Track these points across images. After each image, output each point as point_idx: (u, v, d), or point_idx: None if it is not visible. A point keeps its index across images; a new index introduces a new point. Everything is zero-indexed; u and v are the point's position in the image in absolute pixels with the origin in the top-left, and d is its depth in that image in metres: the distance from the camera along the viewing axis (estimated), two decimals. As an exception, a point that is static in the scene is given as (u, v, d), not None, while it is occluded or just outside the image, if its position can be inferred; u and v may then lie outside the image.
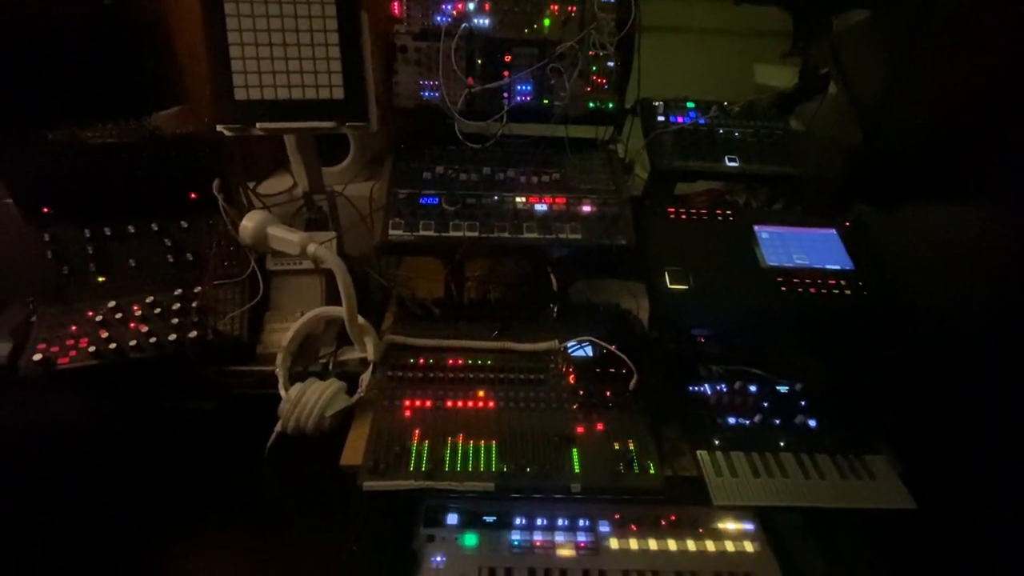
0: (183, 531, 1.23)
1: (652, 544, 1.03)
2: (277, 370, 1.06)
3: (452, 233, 1.13)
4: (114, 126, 1.13)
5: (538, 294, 1.21)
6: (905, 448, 1.02)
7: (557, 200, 1.20)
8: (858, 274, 1.08)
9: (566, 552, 1.00)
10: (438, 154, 1.27)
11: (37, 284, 1.07)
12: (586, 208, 1.19)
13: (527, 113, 1.25)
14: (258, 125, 1.10)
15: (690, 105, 1.36)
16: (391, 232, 1.12)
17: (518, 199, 1.20)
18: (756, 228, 1.14)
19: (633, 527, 1.05)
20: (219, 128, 1.10)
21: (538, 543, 1.01)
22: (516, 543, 1.01)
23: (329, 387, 1.02)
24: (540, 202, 1.20)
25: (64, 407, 1.02)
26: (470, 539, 1.01)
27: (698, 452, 0.99)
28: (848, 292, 1.05)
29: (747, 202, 1.26)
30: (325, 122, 1.13)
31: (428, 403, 1.02)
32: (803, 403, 1.07)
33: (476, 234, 1.13)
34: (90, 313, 1.06)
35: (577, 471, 0.93)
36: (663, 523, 1.06)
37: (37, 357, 0.98)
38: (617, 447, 0.97)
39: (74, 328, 1.04)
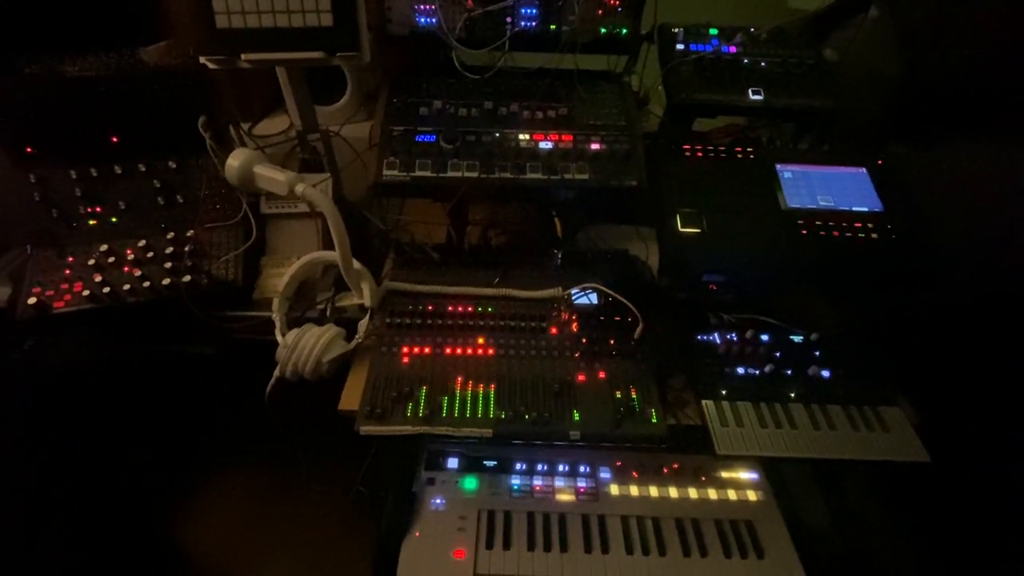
0: (188, 472, 1.26)
1: (653, 491, 1.02)
2: (274, 315, 1.04)
3: (450, 173, 1.06)
4: (93, 58, 1.07)
5: (542, 239, 1.16)
6: (922, 400, 0.97)
7: (563, 137, 1.12)
8: (887, 216, 1.00)
9: (566, 497, 1.00)
10: (435, 87, 1.18)
11: (27, 228, 1.05)
12: (595, 146, 1.11)
13: (532, 40, 1.14)
14: (243, 56, 1.03)
15: (713, 32, 1.23)
16: (385, 172, 1.06)
17: (521, 136, 1.12)
18: (778, 167, 1.05)
19: (634, 474, 1.05)
20: (202, 60, 1.02)
21: (538, 488, 1.02)
22: (516, 487, 1.01)
23: (326, 333, 1.00)
24: (545, 139, 1.12)
25: (63, 350, 1.02)
26: (470, 483, 1.02)
27: (703, 401, 0.96)
28: (875, 236, 0.97)
29: (770, 139, 1.15)
30: (313, 52, 1.04)
31: (427, 350, 1.00)
32: (817, 353, 1.02)
33: (476, 174, 1.06)
34: (83, 257, 1.04)
35: (577, 419, 0.90)
36: (665, 470, 1.06)
37: (32, 301, 0.97)
38: (619, 395, 0.94)
39: (68, 272, 1.02)
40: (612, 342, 1.02)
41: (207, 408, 1.21)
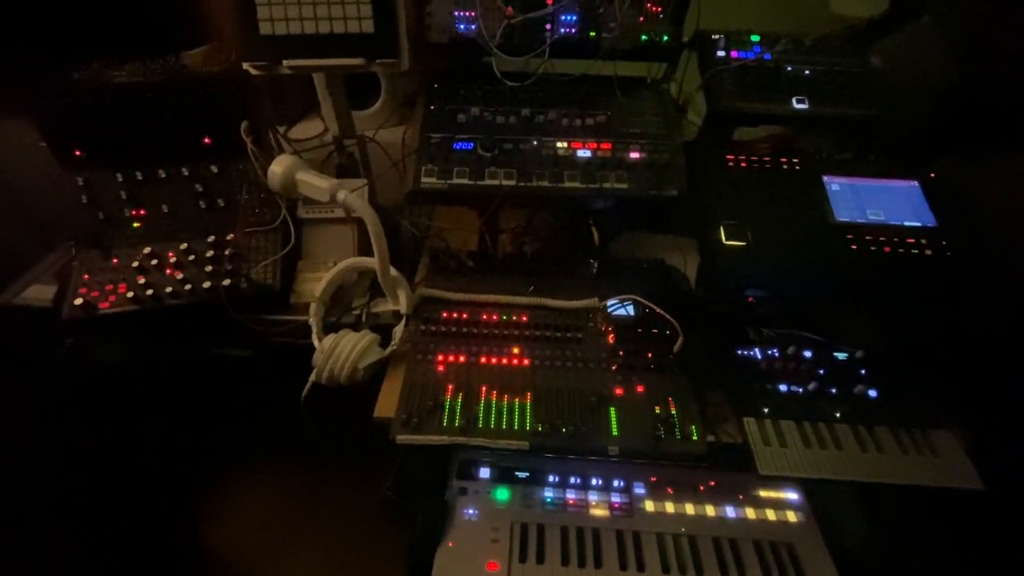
0: (221, 471, 1.28)
1: (689, 508, 1.00)
2: (311, 320, 1.05)
3: (488, 181, 1.06)
4: (139, 64, 1.09)
5: (577, 248, 1.14)
6: (975, 424, 0.93)
7: (602, 145, 1.11)
8: (941, 232, 0.96)
9: (599, 512, 0.99)
10: (474, 94, 1.18)
11: (75, 229, 1.07)
12: (634, 155, 1.10)
13: (572, 47, 1.13)
14: (284, 62, 1.04)
15: (755, 38, 1.20)
16: (423, 180, 1.06)
17: (559, 144, 1.11)
18: (825, 179, 1.02)
19: (669, 490, 1.02)
20: (244, 66, 1.04)
21: (571, 501, 1.00)
22: (549, 500, 1.00)
23: (362, 339, 1.00)
24: (583, 147, 1.10)
25: (104, 349, 1.04)
26: (502, 494, 1.01)
27: (745, 419, 0.93)
28: (929, 252, 0.93)
29: (816, 150, 1.12)
30: (353, 59, 1.05)
31: (461, 358, 0.99)
32: (863, 371, 0.99)
33: (513, 183, 1.05)
34: (127, 259, 1.06)
35: (615, 434, 0.89)
36: (701, 488, 1.03)
37: (78, 302, 0.99)
38: (658, 410, 0.92)
39: (113, 274, 1.04)
40: (650, 355, 1.00)
41: (242, 409, 1.22)
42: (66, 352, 1.07)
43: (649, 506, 1.00)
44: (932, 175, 1.02)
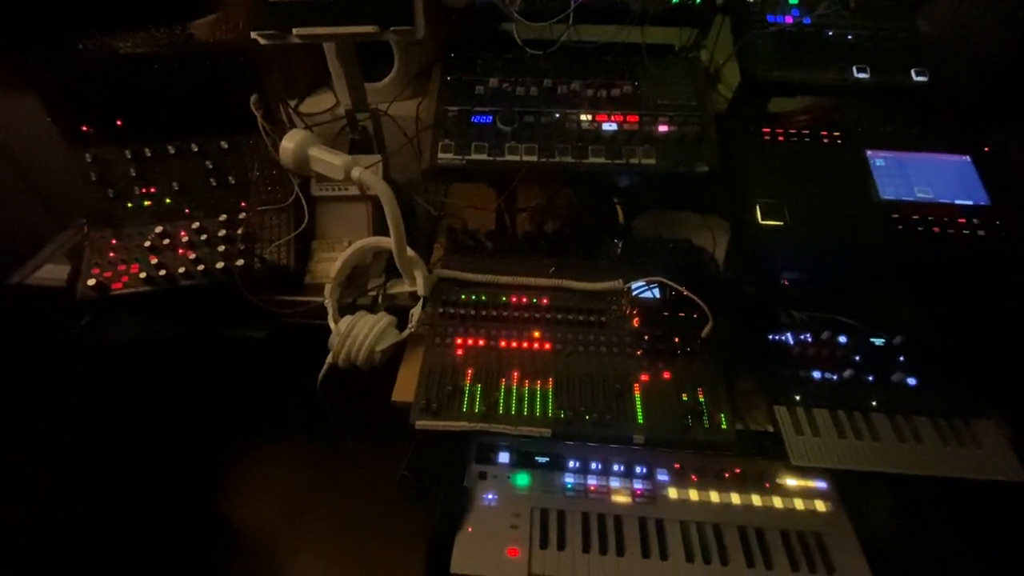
0: (238, 451, 1.28)
1: (714, 496, 0.97)
2: (326, 302, 1.02)
3: (508, 157, 1.01)
4: (145, 35, 1.05)
5: (601, 226, 1.09)
6: (1020, 414, 0.89)
7: (628, 118, 1.05)
8: (995, 211, 0.90)
9: (621, 498, 0.97)
10: (493, 64, 1.11)
11: (85, 206, 1.05)
12: (662, 128, 1.03)
13: (597, 12, 1.06)
14: (294, 31, 0.99)
15: (792, 1, 1.12)
16: (440, 156, 1.01)
17: (583, 117, 1.05)
18: (869, 153, 0.96)
19: (694, 477, 1.00)
20: (253, 35, 0.99)
21: (592, 487, 0.98)
22: (569, 486, 0.98)
23: (379, 321, 0.98)
24: (609, 120, 1.04)
25: (119, 329, 1.03)
26: (522, 479, 0.99)
27: (775, 407, 0.90)
28: (981, 232, 0.87)
29: (858, 121, 1.05)
30: (366, 26, 0.99)
31: (481, 342, 0.96)
32: (901, 358, 0.94)
33: (534, 158, 1.00)
34: (139, 238, 1.03)
35: (641, 422, 0.86)
36: (726, 475, 1.00)
37: (91, 282, 0.98)
38: (685, 398, 0.89)
39: (125, 253, 1.02)
40: (677, 340, 0.96)
41: (259, 390, 1.21)
42: (81, 332, 1.06)
43: (672, 493, 0.97)
44: (986, 149, 0.95)
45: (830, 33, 1.08)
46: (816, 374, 0.93)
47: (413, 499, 1.14)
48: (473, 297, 1.03)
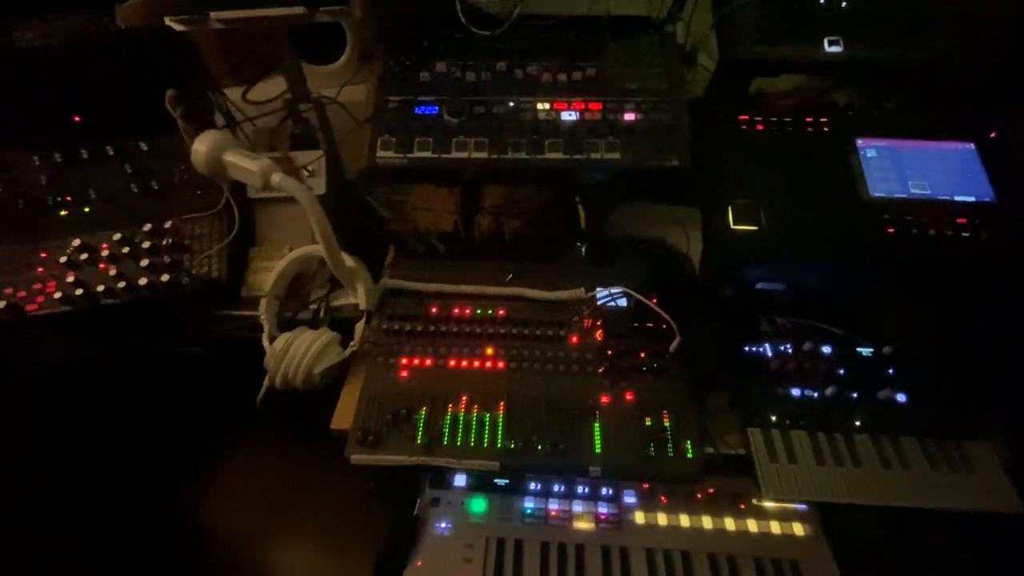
0: (190, 469, 1.22)
1: (684, 520, 0.91)
2: (261, 318, 0.94)
3: (455, 154, 0.90)
4: (50, 23, 0.93)
5: (565, 227, 0.99)
6: (1018, 435, 0.81)
7: (591, 106, 0.93)
8: (1002, 208, 0.79)
9: (584, 525, 0.90)
10: (439, 46, 0.99)
11: (-6, 219, 0.95)
12: (629, 116, 0.92)
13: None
14: (212, 15, 0.87)
15: (782, -37, 0.98)
16: (380, 154, 0.90)
17: (540, 106, 0.93)
18: (859, 143, 0.84)
19: (663, 499, 0.93)
20: (168, 21, 0.88)
21: (553, 513, 0.91)
22: (529, 512, 0.91)
23: (319, 339, 0.89)
24: (569, 109, 0.93)
25: (43, 350, 0.95)
26: (478, 504, 0.93)
27: (749, 429, 0.82)
28: (986, 235, 0.76)
29: (848, 104, 0.93)
30: (293, 8, 0.88)
31: (428, 361, 0.88)
32: (891, 371, 0.85)
33: (485, 155, 0.89)
34: (56, 252, 0.94)
35: (598, 451, 0.78)
36: (699, 496, 0.93)
37: (2, 304, 0.89)
38: (649, 422, 0.81)
39: (40, 270, 0.93)
40: (643, 355, 0.87)
41: (203, 406, 1.14)
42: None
43: (639, 518, 0.91)
44: (993, 135, 0.84)
45: (822, 1, 0.95)
46: (795, 391, 0.84)
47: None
48: (423, 309, 0.94)
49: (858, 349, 0.88)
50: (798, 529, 0.90)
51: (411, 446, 0.79)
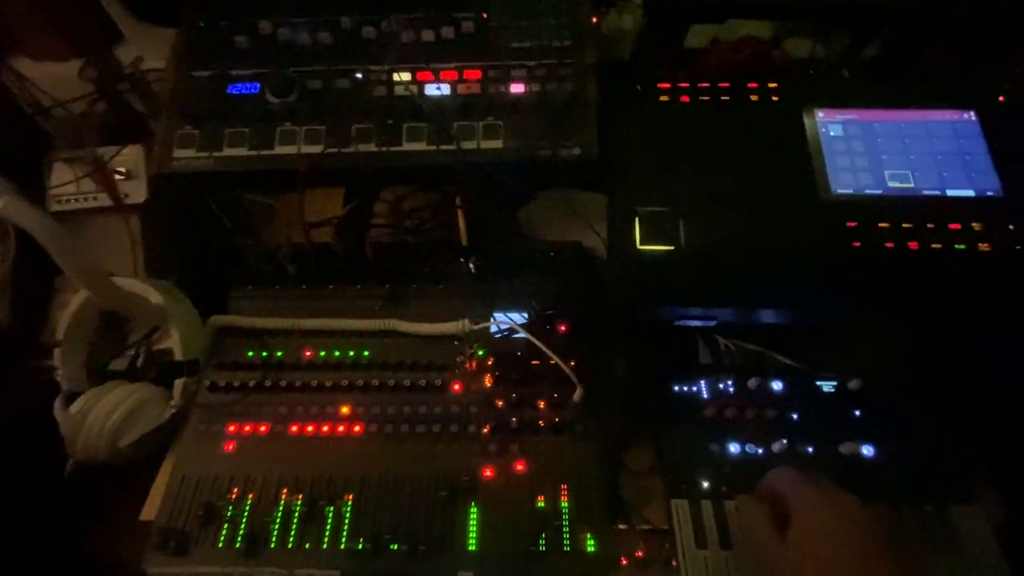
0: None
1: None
2: (57, 373, 0.73)
3: (280, 149, 0.67)
4: None
5: (444, 240, 0.77)
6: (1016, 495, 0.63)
7: (466, 74, 0.69)
8: (1010, 207, 0.57)
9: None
10: (260, -2, 0.74)
11: None
12: (517, 88, 0.69)
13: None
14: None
15: None
16: (176, 154, 0.67)
17: (398, 77, 0.69)
18: (819, 116, 0.62)
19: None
20: None
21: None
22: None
23: (127, 399, 0.69)
24: (436, 80, 0.69)
25: None
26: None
27: (673, 501, 0.63)
28: (987, 245, 0.55)
29: (808, 59, 0.69)
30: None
31: (263, 428, 0.68)
32: (856, 413, 0.67)
33: (319, 148, 0.66)
34: None
35: (472, 547, 0.59)
36: (624, 561, 0.76)
37: None
38: (542, 503, 0.62)
39: None
40: (543, 405, 0.68)
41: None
42: None
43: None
44: (1001, 98, 0.61)
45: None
46: (733, 448, 0.65)
47: None
48: (264, 354, 0.73)
49: (817, 383, 0.69)
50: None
51: (227, 551, 0.60)
